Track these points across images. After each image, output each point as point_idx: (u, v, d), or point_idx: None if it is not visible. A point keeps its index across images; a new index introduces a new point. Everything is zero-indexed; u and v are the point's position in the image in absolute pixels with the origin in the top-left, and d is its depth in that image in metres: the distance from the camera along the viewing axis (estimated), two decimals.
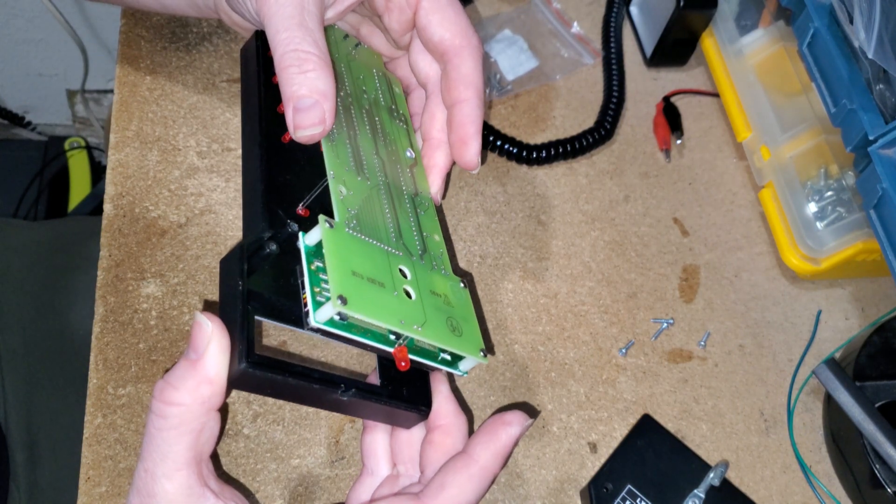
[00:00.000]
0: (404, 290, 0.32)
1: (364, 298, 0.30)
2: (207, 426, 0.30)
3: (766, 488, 0.42)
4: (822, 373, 0.41)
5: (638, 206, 0.50)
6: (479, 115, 0.38)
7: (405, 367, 0.32)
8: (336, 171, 0.33)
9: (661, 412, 0.43)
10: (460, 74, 0.38)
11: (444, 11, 0.37)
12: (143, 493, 0.29)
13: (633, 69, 0.55)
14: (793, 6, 0.44)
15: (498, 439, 0.32)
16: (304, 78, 0.32)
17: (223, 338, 0.29)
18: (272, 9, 0.33)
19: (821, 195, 0.47)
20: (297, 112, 0.33)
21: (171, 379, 0.29)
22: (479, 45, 0.38)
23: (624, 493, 0.39)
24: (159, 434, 0.29)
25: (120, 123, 0.46)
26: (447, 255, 0.36)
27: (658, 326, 0.45)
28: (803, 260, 0.47)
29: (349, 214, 0.32)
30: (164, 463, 0.29)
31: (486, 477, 0.32)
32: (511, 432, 0.32)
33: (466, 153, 0.38)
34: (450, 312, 0.34)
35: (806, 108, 0.48)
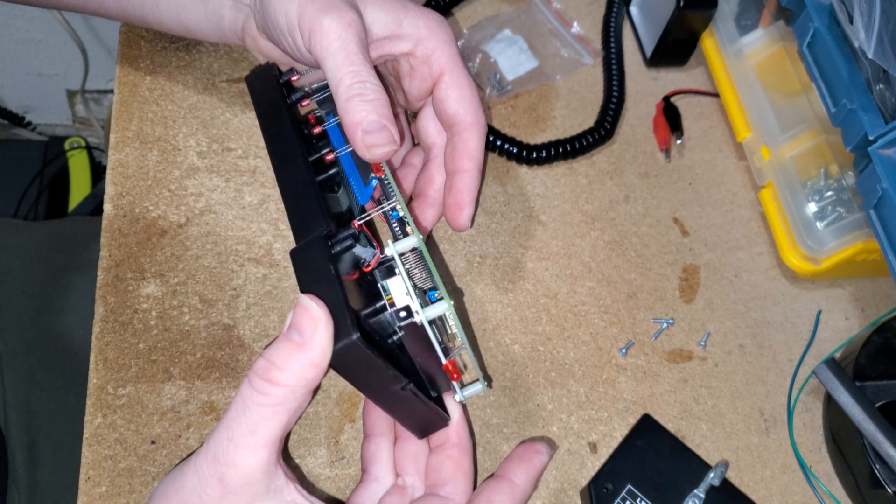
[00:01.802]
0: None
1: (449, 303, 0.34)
2: (301, 406, 0.31)
3: (766, 488, 0.42)
4: (822, 373, 0.41)
5: (638, 206, 0.50)
6: (476, 185, 0.41)
7: (458, 377, 0.35)
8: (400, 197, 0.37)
9: (661, 412, 0.43)
10: (467, 148, 0.41)
11: (462, 90, 0.41)
12: (220, 462, 0.30)
13: (633, 69, 0.55)
14: (793, 6, 0.44)
15: (533, 465, 0.35)
16: (372, 105, 0.35)
17: (330, 323, 0.30)
18: (333, 44, 0.36)
19: (821, 195, 0.47)
20: (366, 134, 0.35)
21: (275, 359, 0.30)
22: (485, 125, 0.42)
23: (624, 493, 0.39)
24: (257, 408, 0.30)
25: (120, 123, 0.46)
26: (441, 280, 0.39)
27: (658, 326, 0.45)
28: (803, 260, 0.47)
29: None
30: (253, 436, 0.30)
31: (524, 499, 0.35)
32: (543, 459, 0.36)
33: (461, 217, 0.41)
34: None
35: (806, 108, 0.48)
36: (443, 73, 0.40)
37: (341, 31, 0.36)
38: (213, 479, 0.30)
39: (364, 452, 0.37)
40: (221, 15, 0.41)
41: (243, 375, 0.40)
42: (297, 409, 0.31)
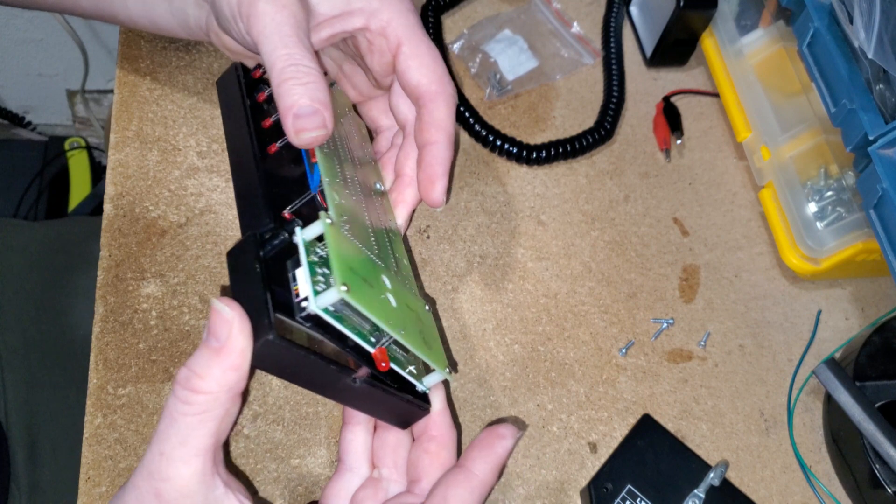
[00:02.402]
0: (386, 297, 0.33)
1: (362, 291, 0.31)
2: (230, 412, 0.30)
3: (766, 488, 0.42)
4: (822, 373, 0.41)
5: (638, 206, 0.50)
6: (448, 157, 0.39)
7: (385, 367, 0.32)
8: (330, 179, 0.35)
9: (661, 412, 0.43)
10: (433, 119, 0.39)
11: (422, 58, 0.39)
12: (155, 477, 0.29)
13: (633, 69, 0.55)
14: (793, 6, 0.44)
15: (494, 452, 0.33)
16: (305, 88, 0.34)
17: (244, 322, 0.29)
18: (268, 28, 0.35)
19: (821, 195, 0.47)
20: (297, 118, 0.34)
21: (195, 367, 0.29)
22: (453, 93, 0.40)
23: (624, 493, 0.39)
24: (183, 419, 0.29)
25: (120, 123, 0.46)
26: (412, 278, 0.38)
27: (658, 326, 0.45)
28: (803, 260, 0.47)
29: (343, 218, 0.34)
30: (184, 447, 0.29)
31: (485, 490, 0.33)
32: (506, 445, 0.33)
33: (433, 191, 0.39)
34: (421, 327, 0.35)
35: (806, 108, 0.48)
36: (400, 44, 0.39)
37: (275, 13, 0.35)
38: (150, 496, 0.29)
39: (340, 441, 0.36)
40: (186, 13, 0.40)
41: None
42: (224, 416, 0.30)
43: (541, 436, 0.41)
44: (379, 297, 0.32)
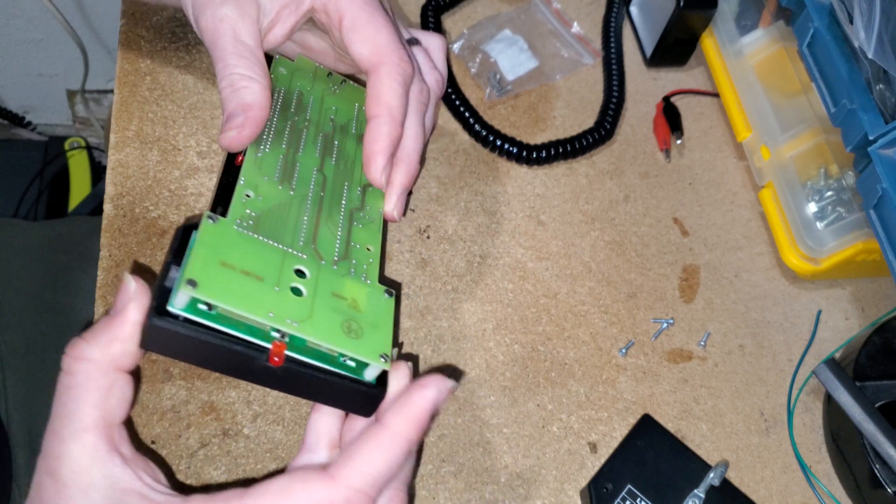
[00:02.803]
0: (293, 288, 0.32)
1: (222, 285, 0.29)
2: (117, 386, 0.30)
3: (766, 488, 0.42)
4: (822, 373, 0.41)
5: (638, 206, 0.50)
6: (387, 133, 0.37)
7: (277, 362, 0.31)
8: (248, 178, 0.35)
9: (661, 412, 0.43)
10: (373, 92, 0.38)
11: (364, 30, 0.38)
12: (49, 457, 0.28)
13: (633, 69, 0.55)
14: (793, 6, 0.44)
15: (411, 403, 0.30)
16: (234, 95, 0.35)
17: (143, 298, 0.29)
18: (210, 40, 0.36)
19: (821, 195, 0.47)
20: (224, 124, 0.35)
21: (86, 335, 0.29)
22: (398, 63, 0.37)
23: (624, 493, 0.39)
24: (67, 392, 0.29)
25: (120, 123, 0.46)
26: (376, 266, 0.36)
27: (658, 326, 0.45)
28: (803, 260, 0.47)
29: (246, 214, 0.33)
30: (71, 423, 0.29)
31: (399, 444, 0.30)
32: (426, 395, 0.30)
33: (369, 171, 0.38)
34: (352, 316, 0.33)
35: (806, 108, 0.48)
36: (342, 18, 0.37)
37: (214, 27, 0.36)
38: (46, 476, 0.28)
39: (308, 421, 0.35)
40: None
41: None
42: (110, 389, 0.29)
43: (541, 436, 0.41)
44: (267, 290, 0.31)
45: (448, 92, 0.50)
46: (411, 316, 0.43)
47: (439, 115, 0.50)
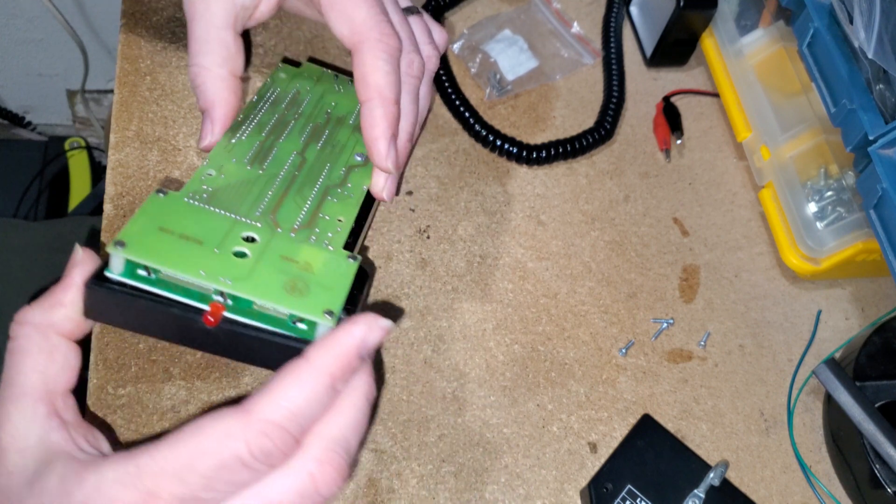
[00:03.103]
0: (237, 252, 0.32)
1: (152, 247, 0.30)
2: (59, 351, 0.30)
3: (766, 488, 0.42)
4: (822, 373, 0.41)
5: (638, 206, 0.50)
6: (381, 115, 0.36)
7: (212, 322, 0.30)
8: (213, 160, 0.36)
9: (661, 412, 0.43)
10: (359, 74, 0.36)
11: (341, 6, 0.35)
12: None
13: (633, 69, 0.55)
14: (793, 6, 0.44)
15: (335, 338, 0.29)
16: (197, 91, 0.37)
17: (88, 264, 0.30)
18: (187, 21, 0.37)
19: (821, 195, 0.47)
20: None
21: (33, 302, 0.30)
22: (379, 39, 0.35)
23: (624, 493, 0.39)
24: (10, 357, 0.29)
25: (120, 123, 0.46)
26: (344, 235, 0.35)
27: (658, 326, 0.45)
28: (803, 260, 0.47)
29: (202, 189, 0.34)
30: (11, 387, 0.29)
31: (318, 378, 0.28)
32: (353, 331, 0.29)
33: (374, 158, 0.37)
34: (300, 276, 0.32)
35: (806, 108, 0.48)
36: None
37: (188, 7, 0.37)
38: None
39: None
40: None
41: (244, 375, 0.40)
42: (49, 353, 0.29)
43: (541, 436, 0.41)
44: (204, 252, 0.31)
45: (448, 92, 0.50)
46: (411, 316, 0.43)
47: (441, 115, 0.50)
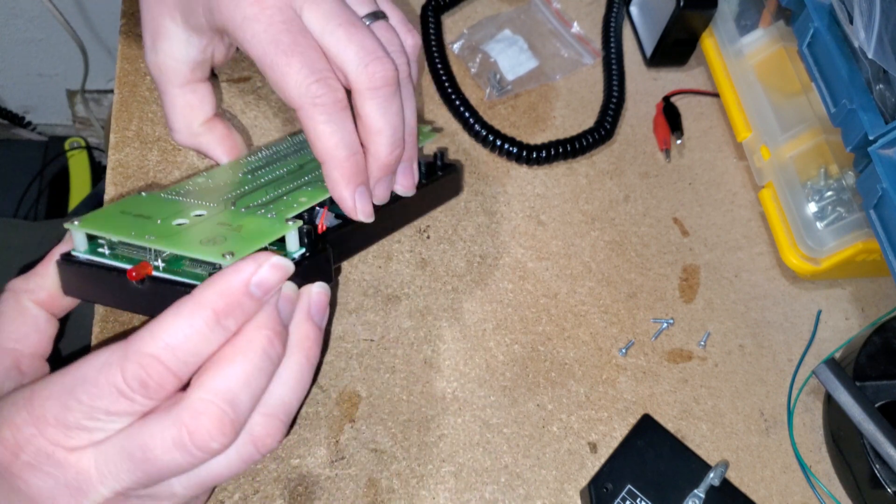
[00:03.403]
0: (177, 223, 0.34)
1: (101, 221, 0.34)
2: (28, 315, 0.34)
3: (766, 488, 0.42)
4: (822, 373, 0.41)
5: (638, 206, 0.50)
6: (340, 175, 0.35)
7: (133, 277, 0.31)
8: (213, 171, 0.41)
9: (661, 412, 0.43)
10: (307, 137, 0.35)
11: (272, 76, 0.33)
12: None
13: (633, 69, 0.55)
14: (793, 6, 0.44)
15: (221, 275, 0.29)
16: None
17: (68, 244, 0.34)
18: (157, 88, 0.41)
19: (821, 195, 0.47)
20: None
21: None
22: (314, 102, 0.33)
23: (624, 493, 0.39)
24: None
25: (120, 123, 0.46)
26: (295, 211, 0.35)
27: (658, 326, 0.45)
28: (803, 260, 0.47)
29: (185, 188, 0.38)
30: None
31: (200, 313, 0.28)
32: (241, 268, 0.28)
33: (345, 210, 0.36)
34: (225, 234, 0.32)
35: (806, 108, 0.48)
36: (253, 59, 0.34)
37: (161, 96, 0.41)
38: None
39: None
40: None
41: None
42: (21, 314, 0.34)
43: (541, 436, 0.41)
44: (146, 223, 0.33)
45: (448, 92, 0.50)
46: (411, 316, 0.43)
47: (440, 115, 0.50)
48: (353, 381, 0.41)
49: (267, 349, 0.28)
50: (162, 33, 0.38)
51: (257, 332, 0.28)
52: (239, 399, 0.28)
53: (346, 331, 0.42)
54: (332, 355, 0.41)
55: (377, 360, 0.42)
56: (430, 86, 0.51)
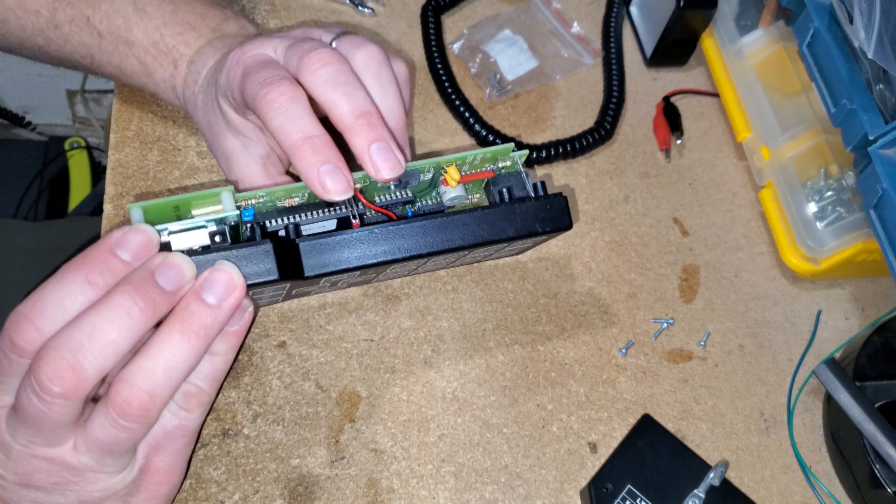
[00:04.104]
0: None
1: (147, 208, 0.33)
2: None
3: (766, 488, 0.42)
4: (822, 373, 0.41)
5: (638, 206, 0.50)
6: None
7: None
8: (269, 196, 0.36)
9: (661, 412, 0.43)
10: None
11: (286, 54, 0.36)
12: None
13: (633, 69, 0.55)
14: (793, 6, 0.44)
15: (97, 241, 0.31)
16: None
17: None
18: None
19: (821, 195, 0.47)
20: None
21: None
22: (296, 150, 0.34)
23: (624, 493, 0.39)
24: None
25: (120, 123, 0.46)
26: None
27: (658, 326, 0.45)
28: (803, 260, 0.47)
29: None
30: None
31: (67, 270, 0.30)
32: (111, 232, 0.30)
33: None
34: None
35: (806, 108, 0.48)
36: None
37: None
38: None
39: None
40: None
41: (244, 376, 0.40)
42: None
43: (541, 436, 0.41)
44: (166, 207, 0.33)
45: (448, 92, 0.50)
46: (411, 316, 0.43)
47: (440, 115, 0.50)
48: (353, 381, 0.41)
49: (123, 304, 0.29)
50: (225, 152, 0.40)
51: (117, 287, 0.29)
52: (83, 347, 0.28)
53: (346, 331, 0.42)
54: (333, 355, 0.42)
55: (377, 360, 0.42)
56: (431, 86, 0.51)
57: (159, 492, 0.34)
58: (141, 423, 0.29)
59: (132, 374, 0.29)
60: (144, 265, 0.30)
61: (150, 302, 0.29)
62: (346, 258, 0.34)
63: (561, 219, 0.37)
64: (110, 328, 0.28)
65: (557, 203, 0.37)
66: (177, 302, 0.30)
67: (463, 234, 0.36)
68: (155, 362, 0.29)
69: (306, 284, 0.36)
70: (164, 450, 0.33)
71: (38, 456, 0.30)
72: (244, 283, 0.31)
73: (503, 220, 0.36)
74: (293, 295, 0.40)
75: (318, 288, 0.39)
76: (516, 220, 0.36)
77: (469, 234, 0.36)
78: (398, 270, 0.39)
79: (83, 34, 0.43)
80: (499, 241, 0.36)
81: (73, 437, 0.30)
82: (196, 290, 0.30)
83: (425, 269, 0.42)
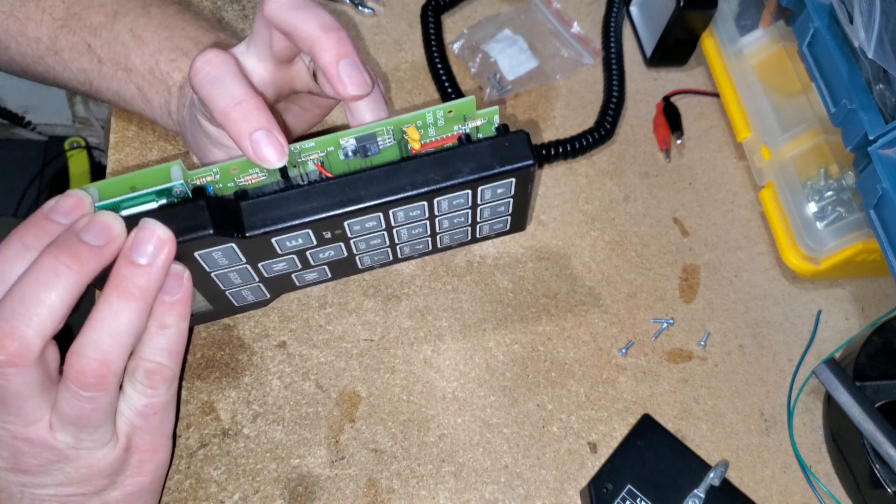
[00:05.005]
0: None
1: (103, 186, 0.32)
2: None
3: (766, 488, 0.42)
4: (822, 373, 0.41)
5: (638, 206, 0.50)
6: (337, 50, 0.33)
7: None
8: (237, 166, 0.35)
9: (661, 412, 0.43)
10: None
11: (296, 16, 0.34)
12: None
13: (633, 69, 0.55)
14: (793, 6, 0.44)
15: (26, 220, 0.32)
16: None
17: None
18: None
19: (821, 195, 0.47)
20: None
21: None
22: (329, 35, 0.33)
23: (624, 493, 0.39)
24: None
25: (120, 123, 0.46)
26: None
27: (658, 326, 0.45)
28: (803, 260, 0.47)
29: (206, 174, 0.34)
30: None
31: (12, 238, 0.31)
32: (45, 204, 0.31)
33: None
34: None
35: (806, 108, 0.48)
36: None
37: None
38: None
39: None
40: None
41: (243, 375, 0.40)
42: None
43: (541, 436, 0.41)
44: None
45: (448, 92, 0.50)
46: (411, 316, 0.43)
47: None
48: (353, 381, 0.41)
49: (48, 264, 0.29)
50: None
51: (44, 250, 0.30)
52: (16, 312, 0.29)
53: (346, 331, 0.42)
54: (332, 355, 0.42)
55: (377, 360, 0.42)
56: (431, 86, 0.51)
57: (145, 468, 0.34)
58: (101, 391, 0.30)
59: (81, 345, 0.30)
60: (70, 226, 0.30)
61: (76, 258, 0.29)
62: (291, 214, 0.32)
63: (522, 155, 0.34)
64: (39, 289, 0.29)
65: (518, 139, 0.34)
66: (108, 258, 0.30)
67: (414, 179, 0.33)
68: (100, 331, 0.30)
69: (268, 257, 0.35)
70: (141, 429, 0.33)
71: (18, 437, 0.31)
72: (171, 237, 0.31)
73: (458, 161, 0.33)
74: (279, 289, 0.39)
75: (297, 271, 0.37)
76: (472, 159, 0.33)
77: (421, 180, 0.33)
78: (374, 257, 0.37)
79: (83, 60, 0.43)
80: (456, 185, 0.33)
81: (48, 416, 0.31)
82: (125, 254, 0.31)
83: (406, 256, 0.39)
